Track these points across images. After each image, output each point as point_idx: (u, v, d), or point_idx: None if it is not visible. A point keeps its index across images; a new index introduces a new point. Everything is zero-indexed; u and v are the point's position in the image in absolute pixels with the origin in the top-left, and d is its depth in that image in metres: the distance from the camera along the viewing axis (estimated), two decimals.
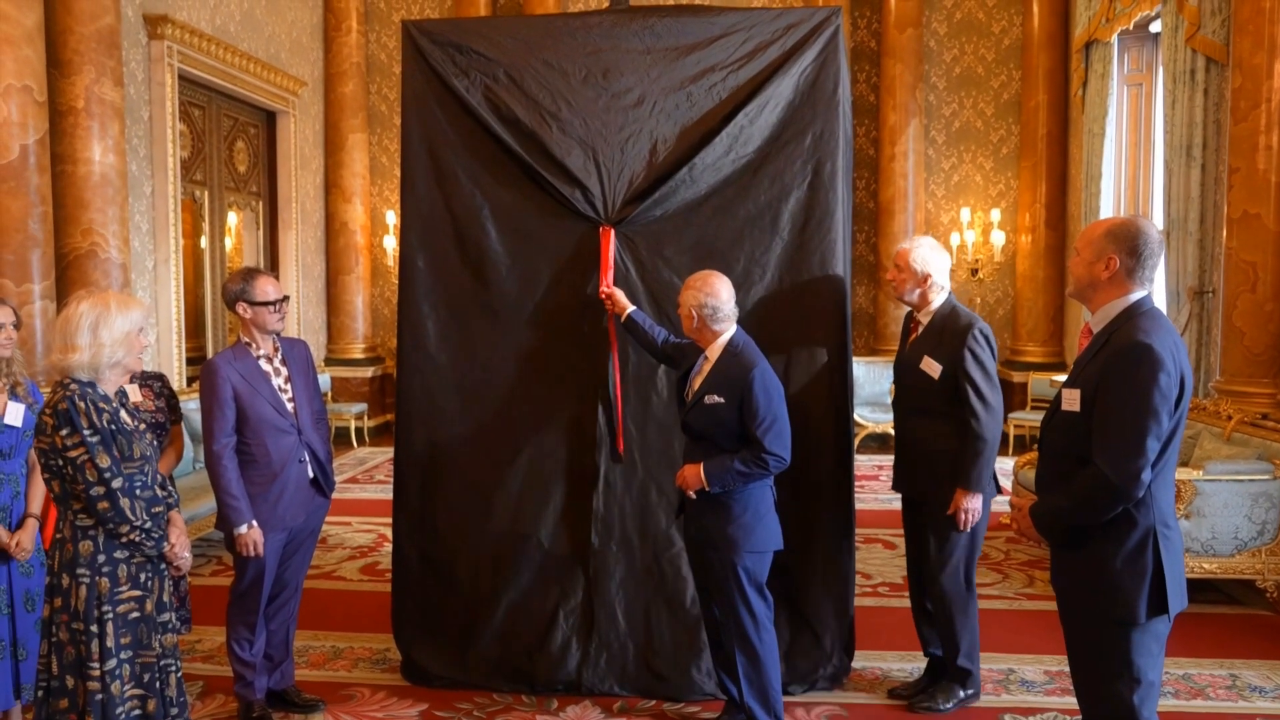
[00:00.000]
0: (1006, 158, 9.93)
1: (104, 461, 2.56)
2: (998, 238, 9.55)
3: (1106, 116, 7.86)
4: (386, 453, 9.15)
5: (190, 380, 7.46)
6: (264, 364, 3.42)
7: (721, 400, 3.15)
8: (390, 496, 3.98)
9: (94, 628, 2.59)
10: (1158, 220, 7.45)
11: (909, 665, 4.03)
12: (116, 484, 2.57)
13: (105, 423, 2.58)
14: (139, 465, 2.67)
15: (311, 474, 3.50)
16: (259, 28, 8.75)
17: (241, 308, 3.39)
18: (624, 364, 3.82)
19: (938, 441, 3.48)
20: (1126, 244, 2.41)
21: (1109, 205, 7.98)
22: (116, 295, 2.73)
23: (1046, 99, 9.23)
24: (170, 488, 2.86)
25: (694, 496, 3.22)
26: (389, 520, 4.06)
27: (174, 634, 2.76)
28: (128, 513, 2.59)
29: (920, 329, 3.59)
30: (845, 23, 9.56)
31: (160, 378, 3.73)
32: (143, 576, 2.67)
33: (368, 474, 8.23)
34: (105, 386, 2.67)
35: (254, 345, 3.44)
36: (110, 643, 2.59)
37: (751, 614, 3.25)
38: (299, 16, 9.51)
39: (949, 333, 3.47)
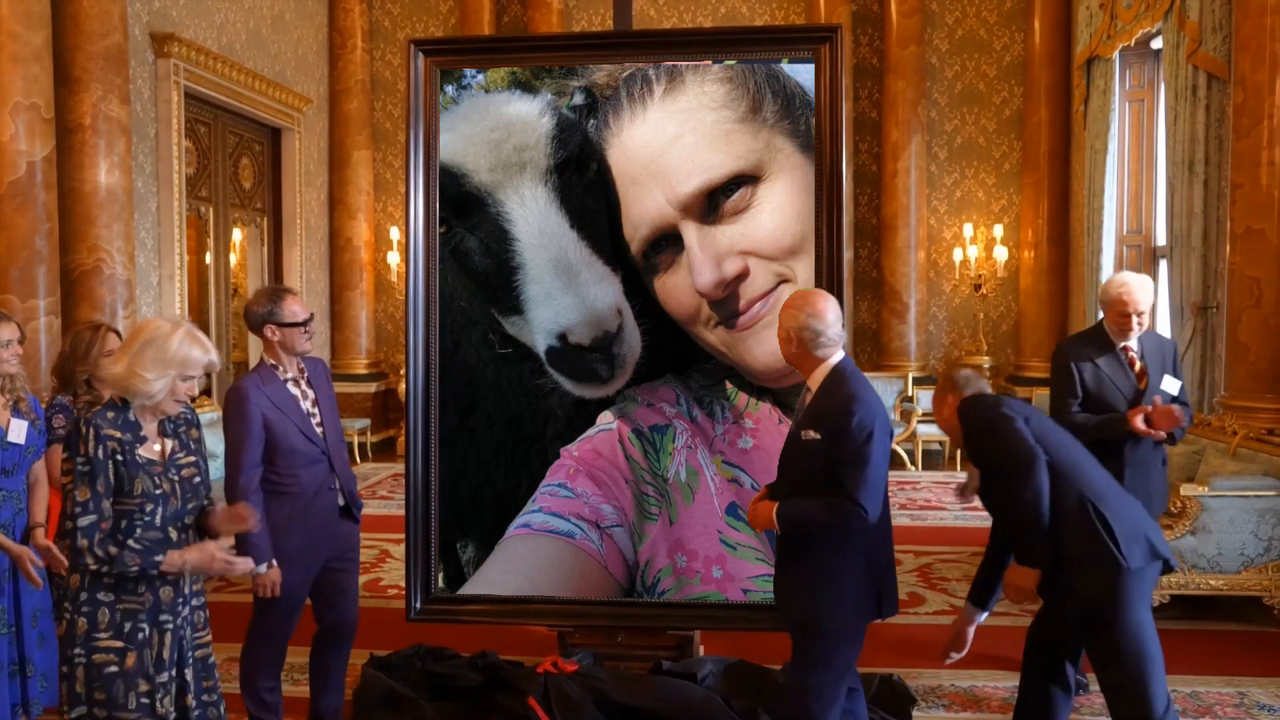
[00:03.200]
0: (1009, 174, 9.96)
1: (83, 495, 2.38)
2: (1000, 253, 9.57)
3: (1108, 132, 7.88)
4: (390, 468, 9.14)
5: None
6: (292, 387, 3.22)
7: (818, 436, 2.67)
8: (392, 511, 3.96)
9: (64, 668, 2.37)
10: (1160, 236, 7.46)
11: (916, 683, 4.02)
12: (84, 521, 2.36)
13: (102, 454, 2.39)
14: (138, 503, 2.43)
15: (342, 501, 3.31)
16: (265, 46, 8.81)
17: (270, 330, 3.17)
18: None
19: None
20: None
21: (1111, 221, 7.99)
22: (191, 329, 2.51)
23: (1048, 115, 9.25)
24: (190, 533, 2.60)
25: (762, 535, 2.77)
26: (391, 536, 4.04)
27: (169, 694, 2.45)
28: (80, 541, 2.36)
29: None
30: (847, 40, 9.63)
31: None
32: (128, 627, 2.39)
33: (370, 489, 8.20)
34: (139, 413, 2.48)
35: (281, 368, 3.22)
36: (80, 688, 2.36)
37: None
38: (305, 35, 9.58)
39: None
